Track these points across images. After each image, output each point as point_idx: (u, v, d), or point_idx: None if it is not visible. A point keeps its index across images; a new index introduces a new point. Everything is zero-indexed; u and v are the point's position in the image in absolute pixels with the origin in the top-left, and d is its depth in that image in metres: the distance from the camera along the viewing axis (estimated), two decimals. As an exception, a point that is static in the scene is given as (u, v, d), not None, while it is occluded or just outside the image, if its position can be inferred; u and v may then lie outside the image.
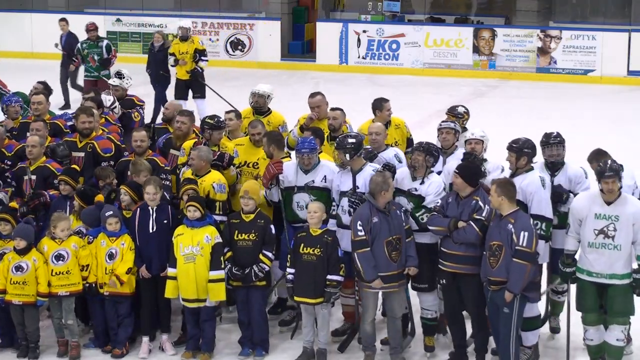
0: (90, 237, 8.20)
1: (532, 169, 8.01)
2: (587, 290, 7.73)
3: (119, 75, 11.56)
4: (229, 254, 8.10)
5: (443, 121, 8.93)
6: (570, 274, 7.76)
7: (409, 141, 9.71)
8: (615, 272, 7.57)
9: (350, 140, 8.23)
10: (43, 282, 8.09)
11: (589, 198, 7.64)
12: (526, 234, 7.46)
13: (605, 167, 7.50)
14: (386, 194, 7.84)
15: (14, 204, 8.55)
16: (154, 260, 8.23)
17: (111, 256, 8.17)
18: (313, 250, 7.98)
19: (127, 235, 8.21)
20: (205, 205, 8.17)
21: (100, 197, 8.45)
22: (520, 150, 7.93)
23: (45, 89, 11.18)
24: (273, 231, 8.14)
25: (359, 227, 7.83)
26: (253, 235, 8.06)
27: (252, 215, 8.10)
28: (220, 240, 8.09)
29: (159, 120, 10.46)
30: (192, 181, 8.39)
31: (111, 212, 8.17)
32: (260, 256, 8.06)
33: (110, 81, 11.48)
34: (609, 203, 7.51)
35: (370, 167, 8.26)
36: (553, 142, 8.21)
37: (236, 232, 8.10)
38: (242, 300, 8.20)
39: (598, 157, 8.02)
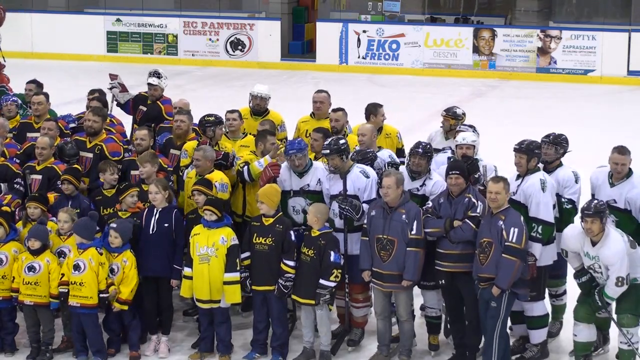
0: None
1: (538, 169, 8.01)
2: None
3: (157, 74, 10.96)
4: (246, 261, 8.07)
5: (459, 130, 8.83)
6: (588, 282, 7.74)
7: (400, 151, 9.57)
8: None
9: (342, 142, 8.19)
10: (56, 284, 8.06)
11: (580, 235, 7.63)
12: (516, 230, 7.48)
13: (589, 205, 7.53)
14: (392, 191, 7.80)
15: (6, 208, 8.51)
16: (151, 261, 8.19)
17: (112, 271, 8.09)
18: (308, 251, 7.99)
19: (129, 252, 8.15)
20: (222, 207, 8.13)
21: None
22: (532, 151, 7.91)
23: (37, 87, 11.10)
24: (293, 238, 8.05)
25: (366, 215, 7.95)
26: (270, 239, 7.99)
27: (272, 220, 8.03)
28: (236, 242, 8.05)
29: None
30: (206, 181, 8.34)
31: (114, 226, 8.10)
32: (282, 266, 8.01)
33: (149, 80, 10.93)
34: (594, 243, 7.54)
35: (358, 168, 8.22)
36: (544, 141, 8.20)
37: (255, 235, 8.06)
38: (258, 305, 8.15)
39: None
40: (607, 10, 25.19)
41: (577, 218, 7.85)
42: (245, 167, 8.63)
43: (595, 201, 7.60)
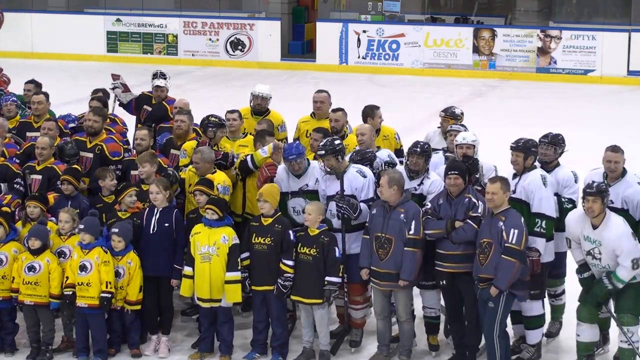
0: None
1: (535, 167, 8.02)
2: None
3: (163, 75, 10.94)
4: (246, 262, 8.07)
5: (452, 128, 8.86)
6: (590, 278, 7.72)
7: (398, 152, 9.54)
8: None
9: (337, 142, 8.18)
10: (56, 283, 8.06)
11: (580, 217, 7.64)
12: (516, 231, 7.48)
13: (591, 184, 7.54)
14: (384, 190, 7.81)
15: (6, 209, 8.50)
16: (151, 261, 8.19)
17: (118, 274, 8.09)
18: (309, 250, 8.00)
19: (132, 253, 8.15)
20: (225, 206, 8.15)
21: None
22: (528, 150, 7.93)
23: (36, 87, 11.12)
24: (292, 237, 8.05)
25: (363, 215, 7.97)
26: (269, 239, 7.99)
27: (271, 220, 8.03)
28: (237, 241, 8.05)
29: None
30: (207, 181, 8.34)
31: (116, 231, 8.10)
32: (281, 266, 8.01)
33: (156, 82, 10.92)
34: (595, 226, 7.51)
35: (354, 168, 8.22)
36: (542, 141, 8.20)
37: (254, 235, 8.06)
38: (258, 305, 8.15)
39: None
40: (607, 10, 25.19)
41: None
42: (248, 156, 8.65)
43: (597, 182, 7.60)
